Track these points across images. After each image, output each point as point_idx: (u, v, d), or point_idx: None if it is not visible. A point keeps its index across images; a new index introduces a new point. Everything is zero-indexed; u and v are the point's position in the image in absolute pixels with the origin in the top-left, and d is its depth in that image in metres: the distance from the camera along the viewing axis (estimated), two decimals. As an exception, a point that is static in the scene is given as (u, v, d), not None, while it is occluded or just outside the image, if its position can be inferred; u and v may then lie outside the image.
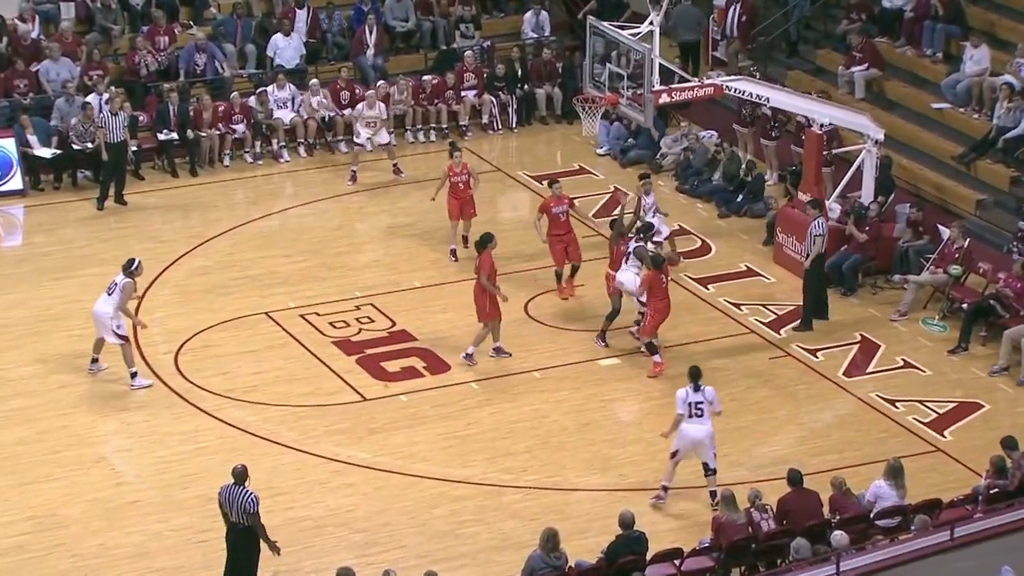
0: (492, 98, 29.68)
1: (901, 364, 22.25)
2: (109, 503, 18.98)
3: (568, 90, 29.69)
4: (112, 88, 27.52)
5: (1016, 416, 20.90)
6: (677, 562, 16.66)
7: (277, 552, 16.80)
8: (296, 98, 28.55)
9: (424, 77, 29.62)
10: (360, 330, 22.88)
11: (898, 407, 21.19)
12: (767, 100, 24.86)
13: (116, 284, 21.13)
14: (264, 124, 28.26)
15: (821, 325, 22.97)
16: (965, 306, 22.84)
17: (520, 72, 30.08)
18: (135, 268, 21.34)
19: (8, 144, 26.85)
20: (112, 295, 21.09)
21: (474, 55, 29.89)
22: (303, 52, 29.21)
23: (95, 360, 21.49)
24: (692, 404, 18.55)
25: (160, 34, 28.94)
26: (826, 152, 24.99)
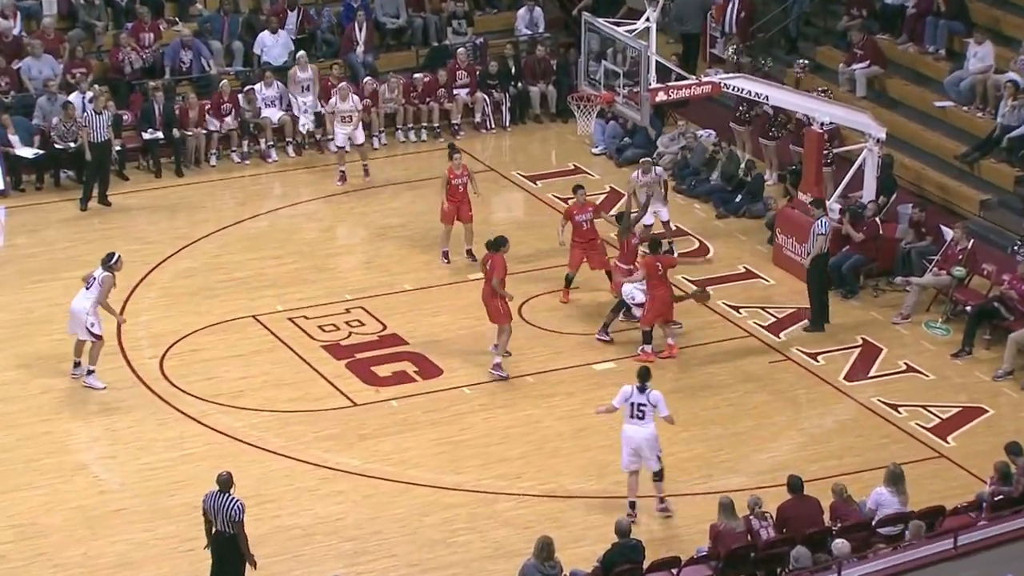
0: (485, 96, 29.68)
1: (903, 368, 22.27)
2: (92, 511, 18.96)
3: (563, 88, 29.68)
4: (96, 86, 27.49)
5: (1021, 421, 20.92)
6: (674, 571, 16.67)
7: (254, 566, 16.79)
8: (284, 97, 28.55)
9: (415, 75, 29.62)
10: (350, 334, 22.87)
11: (900, 412, 21.21)
12: (766, 98, 24.89)
13: (95, 278, 21.14)
14: (252, 123, 28.25)
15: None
16: (969, 309, 22.86)
17: (514, 70, 30.08)
18: (114, 262, 21.33)
19: (-11, 144, 26.89)
20: (90, 289, 21.10)
21: (467, 52, 29.88)
22: (291, 49, 29.20)
23: (78, 364, 21.49)
24: (634, 405, 18.60)
25: (145, 31, 28.91)
26: (826, 151, 25.02)
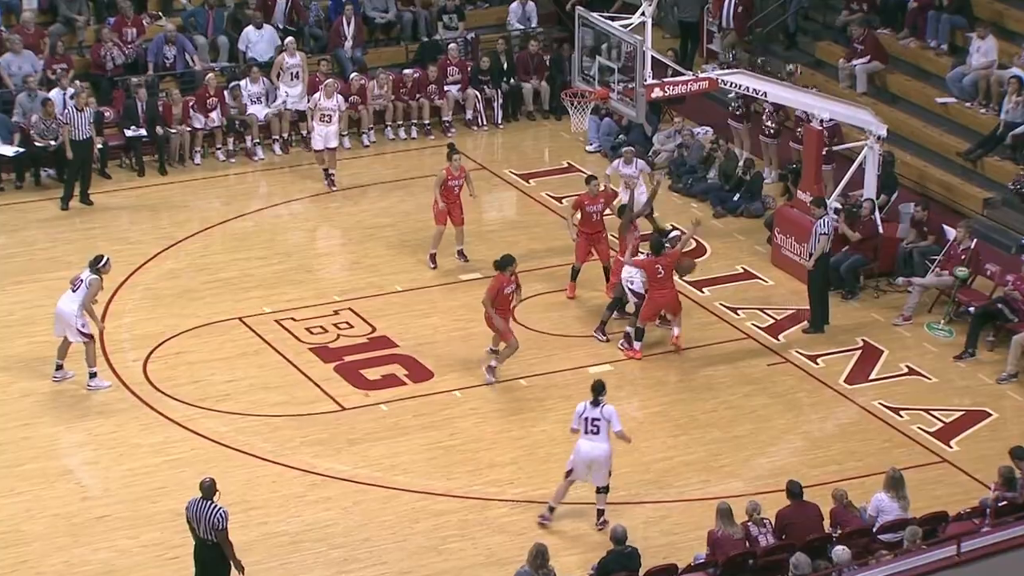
0: (476, 93, 29.70)
1: (905, 371, 22.30)
2: (74, 518, 18.95)
3: (556, 84, 29.71)
4: (77, 83, 27.49)
5: (1025, 425, 21.00)
6: (671, 579, 16.71)
7: (241, 571, 16.76)
8: (270, 93, 28.55)
9: (405, 71, 29.63)
10: (338, 336, 22.87)
11: (902, 416, 21.24)
12: (764, 94, 24.91)
13: (82, 280, 21.17)
14: (237, 120, 28.24)
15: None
16: (972, 310, 22.89)
17: (506, 65, 30.10)
18: (103, 265, 21.35)
19: (-32, 141, 26.89)
20: (78, 292, 21.12)
21: (458, 47, 29.90)
22: (277, 44, 29.18)
23: (60, 367, 21.49)
24: (588, 420, 18.53)
25: (127, 26, 28.90)
26: (826, 149, 25.04)
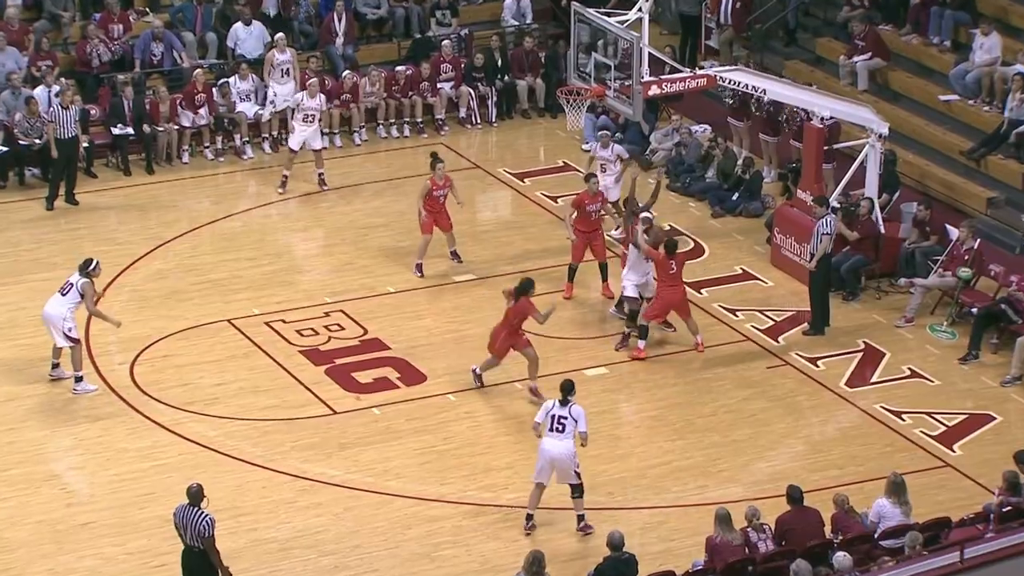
0: (470, 90, 29.68)
1: (907, 373, 22.31)
2: (59, 524, 18.93)
3: (551, 81, 29.70)
4: (62, 80, 27.46)
5: (1030, 429, 21.00)
6: (669, 585, 16.70)
7: None
8: (259, 90, 28.53)
9: (398, 68, 29.61)
10: (329, 339, 22.86)
11: (904, 419, 21.24)
12: (764, 92, 24.91)
13: (72, 284, 21.21)
14: (226, 118, 28.22)
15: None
16: (975, 311, 22.89)
17: (500, 62, 30.09)
18: (93, 268, 21.39)
19: (-49, 140, 26.86)
20: (67, 295, 21.16)
21: (451, 44, 29.88)
22: (267, 41, 29.16)
23: (56, 365, 21.53)
24: (555, 417, 18.56)
25: (114, 22, 28.88)
26: (827, 147, 25.05)
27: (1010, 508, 17.48)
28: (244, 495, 19.37)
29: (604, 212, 23.84)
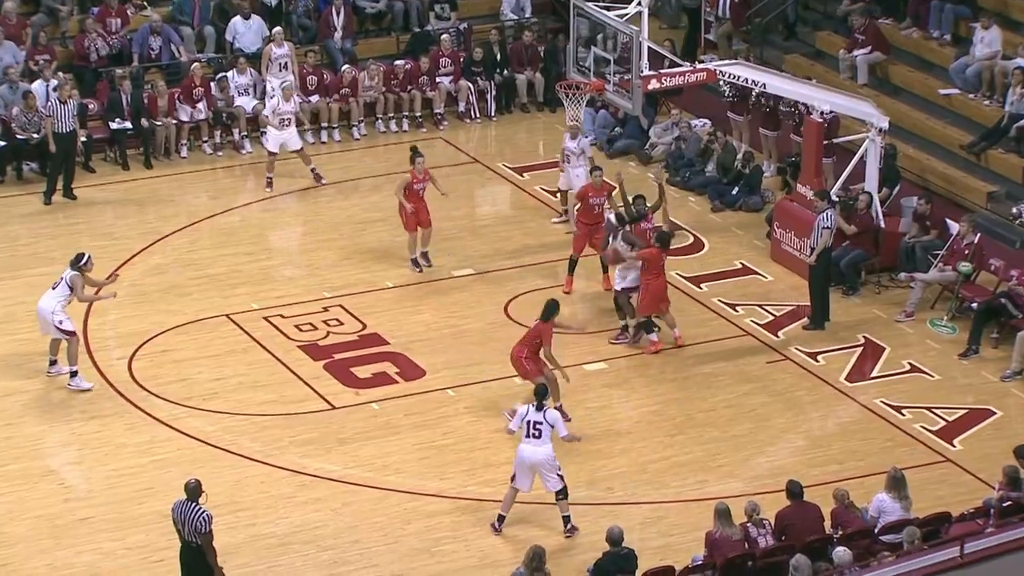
0: (469, 84, 29.69)
1: (907, 368, 22.32)
2: (58, 520, 18.95)
3: (550, 75, 29.70)
4: (60, 74, 27.46)
5: (1030, 423, 21.02)
6: (668, 581, 16.72)
7: None
8: (258, 84, 28.53)
9: (396, 62, 29.60)
10: (328, 333, 22.87)
11: (904, 414, 21.26)
12: (763, 86, 24.93)
13: (63, 279, 21.22)
14: (224, 112, 28.23)
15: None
16: (975, 306, 22.91)
17: (499, 56, 30.10)
18: (84, 263, 21.38)
19: (-52, 134, 26.87)
20: (57, 289, 21.17)
21: (450, 38, 29.89)
22: (265, 35, 29.16)
23: (53, 362, 21.55)
24: (530, 423, 18.52)
25: (112, 16, 28.88)
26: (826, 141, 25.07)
27: (1010, 503, 17.49)
28: (243, 490, 19.39)
29: (609, 206, 23.85)
